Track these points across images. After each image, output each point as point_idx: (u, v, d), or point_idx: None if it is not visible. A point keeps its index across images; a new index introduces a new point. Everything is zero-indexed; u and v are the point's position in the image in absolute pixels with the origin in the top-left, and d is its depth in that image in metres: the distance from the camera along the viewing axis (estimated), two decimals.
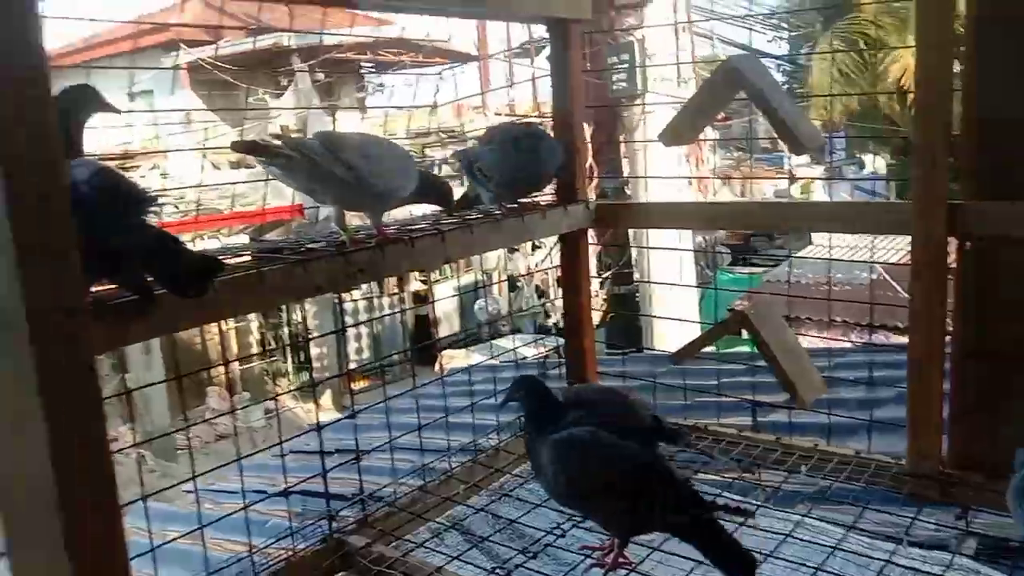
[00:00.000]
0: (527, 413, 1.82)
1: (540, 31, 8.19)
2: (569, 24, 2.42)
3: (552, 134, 2.48)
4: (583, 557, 1.82)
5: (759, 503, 2.09)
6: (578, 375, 2.62)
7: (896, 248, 7.89)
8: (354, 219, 2.04)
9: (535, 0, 2.39)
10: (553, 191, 2.56)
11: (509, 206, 2.32)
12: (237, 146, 1.70)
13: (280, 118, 11.00)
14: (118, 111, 1.53)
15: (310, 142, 1.69)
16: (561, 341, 2.73)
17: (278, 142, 1.62)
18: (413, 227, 2.09)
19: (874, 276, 7.97)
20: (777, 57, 15.85)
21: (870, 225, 2.42)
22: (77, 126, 1.41)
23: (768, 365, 2.18)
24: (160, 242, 1.24)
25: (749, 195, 14.97)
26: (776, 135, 2.13)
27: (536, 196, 2.47)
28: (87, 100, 1.44)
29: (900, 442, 2.16)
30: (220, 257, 1.72)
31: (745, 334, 2.24)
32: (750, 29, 8.23)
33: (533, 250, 11.76)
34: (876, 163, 18.40)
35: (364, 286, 9.97)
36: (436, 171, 11.28)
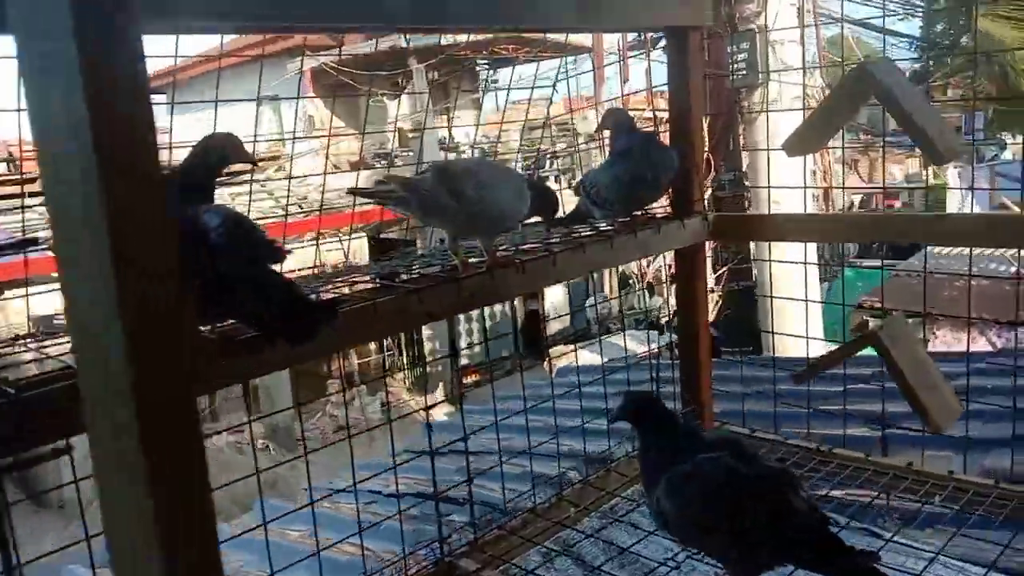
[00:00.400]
0: (640, 438, 1.74)
1: None
2: (689, 31, 2.34)
3: (668, 140, 2.41)
4: None
5: (889, 536, 1.97)
6: (691, 388, 2.56)
7: None
8: None
9: (653, 9, 2.29)
10: (668, 201, 2.48)
11: (622, 220, 2.26)
12: (354, 192, 1.74)
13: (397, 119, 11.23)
14: (256, 163, 1.58)
15: (423, 180, 1.70)
16: (673, 338, 2.67)
17: (392, 186, 1.64)
18: (524, 246, 2.07)
19: (1013, 269, 7.37)
20: (915, 38, 14.86)
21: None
22: (213, 172, 1.46)
23: (897, 387, 2.05)
24: (278, 289, 1.28)
25: (875, 181, 14.36)
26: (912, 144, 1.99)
27: (650, 208, 2.40)
28: (231, 150, 1.48)
29: None
30: (338, 284, 1.76)
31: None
32: (882, 8, 7.72)
33: None
34: None
35: None
36: (547, 165, 11.24)
